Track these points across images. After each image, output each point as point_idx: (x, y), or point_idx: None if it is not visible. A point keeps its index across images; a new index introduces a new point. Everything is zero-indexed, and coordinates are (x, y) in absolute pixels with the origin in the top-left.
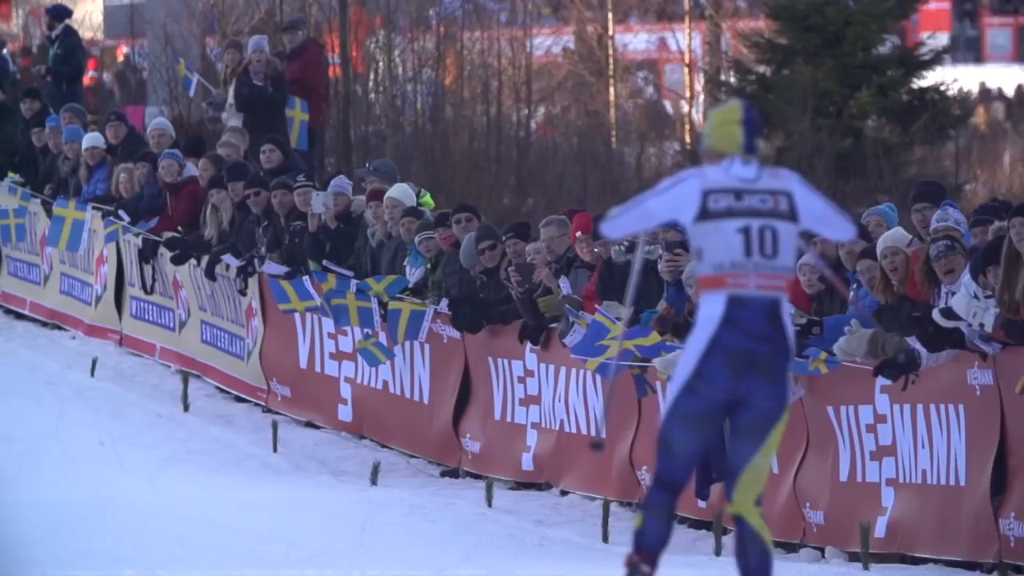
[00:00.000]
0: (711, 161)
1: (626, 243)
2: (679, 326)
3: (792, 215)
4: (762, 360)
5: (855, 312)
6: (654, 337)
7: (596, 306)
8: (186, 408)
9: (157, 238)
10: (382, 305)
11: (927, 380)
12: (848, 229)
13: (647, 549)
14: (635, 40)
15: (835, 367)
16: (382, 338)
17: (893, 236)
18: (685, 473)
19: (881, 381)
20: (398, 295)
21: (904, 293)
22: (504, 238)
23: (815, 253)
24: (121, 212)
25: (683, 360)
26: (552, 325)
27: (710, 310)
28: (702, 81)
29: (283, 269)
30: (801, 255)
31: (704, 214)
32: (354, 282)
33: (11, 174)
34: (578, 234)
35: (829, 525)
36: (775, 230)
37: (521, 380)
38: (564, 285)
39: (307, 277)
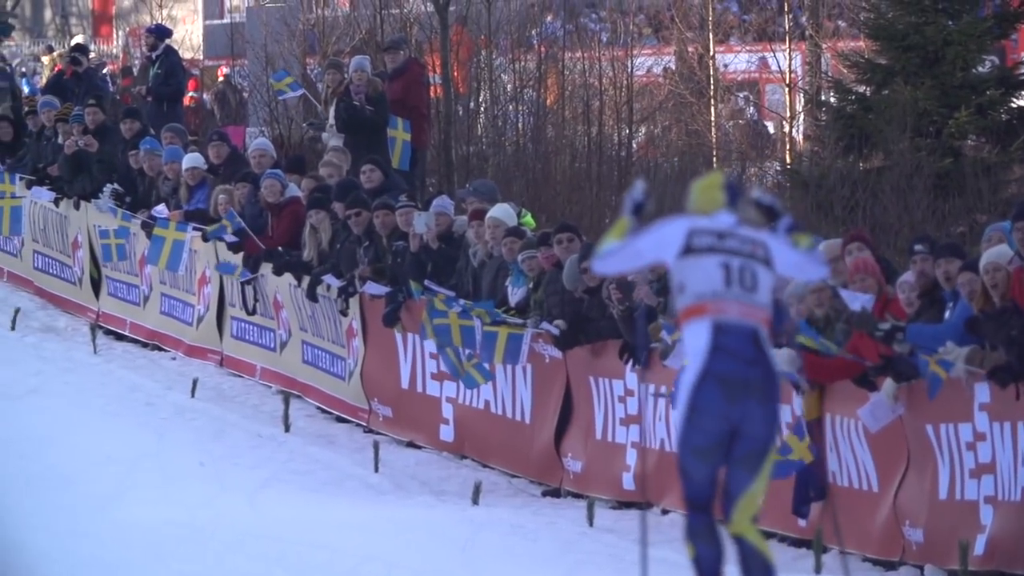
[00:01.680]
0: None
1: None
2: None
3: (768, 262)
4: (754, 383)
5: (948, 325)
6: None
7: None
8: (287, 428)
9: (251, 271)
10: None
11: None
12: (818, 271)
13: (709, 574)
14: (736, 60)
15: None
16: (484, 359)
17: (997, 253)
18: (710, 488)
19: (980, 399)
20: (498, 318)
21: (1011, 301)
22: None
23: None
24: (231, 213)
25: (680, 395)
26: (653, 345)
27: (696, 341)
28: (802, 101)
29: (384, 289)
30: (899, 274)
31: (687, 250)
32: (456, 302)
33: (110, 185)
34: None
35: (928, 543)
36: (754, 270)
37: (622, 399)
38: (666, 332)
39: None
